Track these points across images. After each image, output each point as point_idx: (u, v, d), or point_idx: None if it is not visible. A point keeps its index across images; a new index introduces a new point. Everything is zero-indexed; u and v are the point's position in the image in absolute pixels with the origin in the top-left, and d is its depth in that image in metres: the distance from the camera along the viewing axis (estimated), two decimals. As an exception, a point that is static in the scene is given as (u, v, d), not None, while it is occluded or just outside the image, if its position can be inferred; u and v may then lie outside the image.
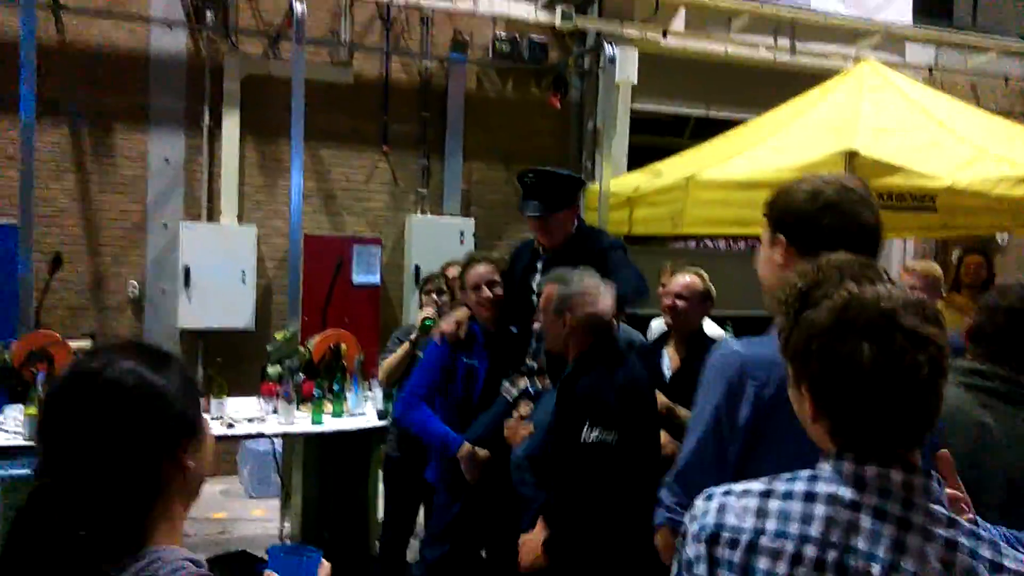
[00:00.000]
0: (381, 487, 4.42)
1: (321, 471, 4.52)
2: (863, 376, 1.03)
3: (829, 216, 1.56)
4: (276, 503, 5.08)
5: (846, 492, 1.05)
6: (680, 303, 3.51)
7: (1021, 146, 5.34)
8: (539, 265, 3.45)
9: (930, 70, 7.74)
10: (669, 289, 3.56)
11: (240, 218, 6.49)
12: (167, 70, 6.37)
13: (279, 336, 4.93)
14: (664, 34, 6.94)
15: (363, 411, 4.30)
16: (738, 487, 1.15)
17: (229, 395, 4.45)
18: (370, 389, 4.45)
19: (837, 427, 1.08)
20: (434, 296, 4.18)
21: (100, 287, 6.27)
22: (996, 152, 4.99)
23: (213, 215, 6.47)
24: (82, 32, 6.19)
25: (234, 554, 4.39)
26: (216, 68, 6.45)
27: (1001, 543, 1.04)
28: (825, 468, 1.09)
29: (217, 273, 6.12)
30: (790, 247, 1.62)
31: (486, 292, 3.38)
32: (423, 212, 6.91)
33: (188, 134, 6.45)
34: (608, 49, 6.42)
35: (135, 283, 6.31)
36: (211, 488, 6.05)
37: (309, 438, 4.36)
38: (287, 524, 4.78)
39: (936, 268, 4.32)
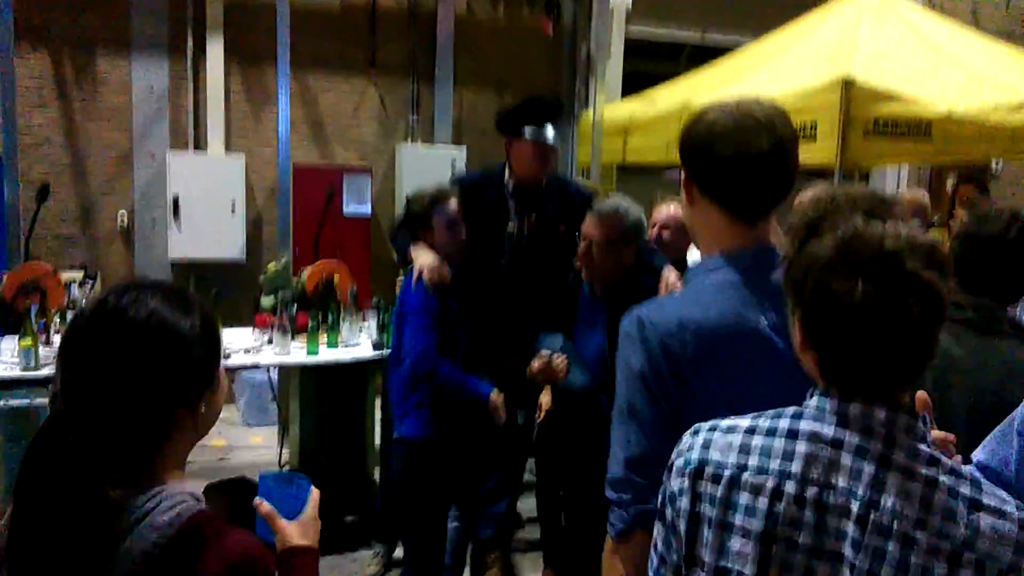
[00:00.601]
0: (378, 414, 4.49)
1: (318, 400, 4.57)
2: (854, 313, 1.01)
3: (720, 145, 1.41)
4: (274, 431, 5.15)
5: (828, 430, 1.05)
6: (665, 232, 3.56)
7: (1019, 71, 5.28)
8: (511, 205, 3.41)
9: (930, -8, 7.58)
10: (654, 219, 3.59)
11: (227, 147, 6.40)
12: (148, -7, 6.18)
13: (271, 267, 4.92)
14: (659, -46, 6.75)
15: (358, 341, 4.32)
16: (725, 423, 1.15)
17: (224, 326, 4.46)
18: (364, 320, 4.47)
19: (824, 360, 1.08)
20: None
21: (88, 218, 6.21)
22: (993, 78, 4.94)
23: (200, 144, 6.36)
24: (58, -47, 5.98)
25: (233, 480, 4.46)
26: (198, -10, 6.26)
27: (983, 481, 1.04)
28: (810, 404, 1.09)
29: (206, 204, 6.06)
30: (690, 181, 1.49)
31: (461, 232, 3.11)
32: (413, 141, 6.81)
33: (172, 61, 6.29)
34: (602, -29, 6.25)
35: (124, 213, 6.25)
36: (208, 416, 6.12)
37: (305, 368, 4.39)
38: (285, 451, 4.85)
39: (922, 196, 4.33)
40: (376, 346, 4.24)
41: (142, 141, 6.26)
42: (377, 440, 4.51)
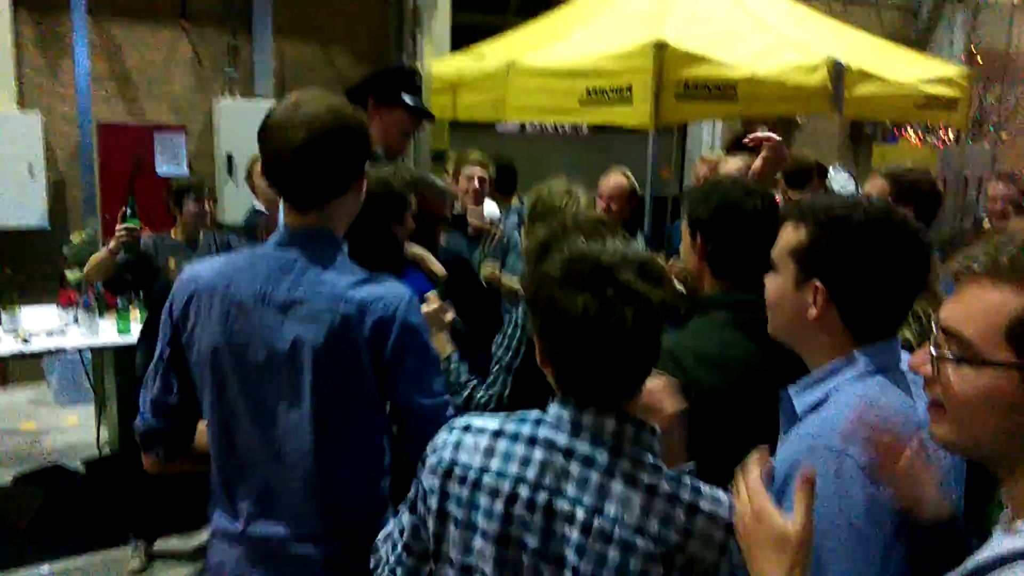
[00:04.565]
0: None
1: (136, 375, 4.34)
2: (575, 325, 1.09)
3: (261, 141, 1.51)
4: (90, 410, 4.85)
5: (562, 438, 1.13)
6: (612, 204, 3.80)
7: (818, 32, 5.65)
8: None
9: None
10: (600, 192, 3.82)
11: (21, 104, 5.82)
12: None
13: (75, 238, 4.59)
14: (484, -97, 6.65)
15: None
16: (478, 423, 1.21)
17: (25, 301, 4.12)
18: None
19: (559, 374, 1.16)
20: (192, 207, 3.79)
21: None
22: (795, 40, 5.26)
23: (-13, 100, 5.76)
24: None
25: (47, 469, 4.20)
26: (-27, -75, 5.58)
27: (703, 487, 1.13)
28: (551, 412, 1.16)
29: (-1, 166, 5.51)
30: None
31: None
32: (232, 95, 6.45)
33: (-53, 4, 5.61)
34: (425, -81, 6.09)
35: (-100, 178, 5.59)
36: (17, 397, 5.69)
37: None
38: (104, 432, 4.60)
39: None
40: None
41: (-84, 96, 5.59)
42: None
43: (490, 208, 4.27)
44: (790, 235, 1.30)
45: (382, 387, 1.49)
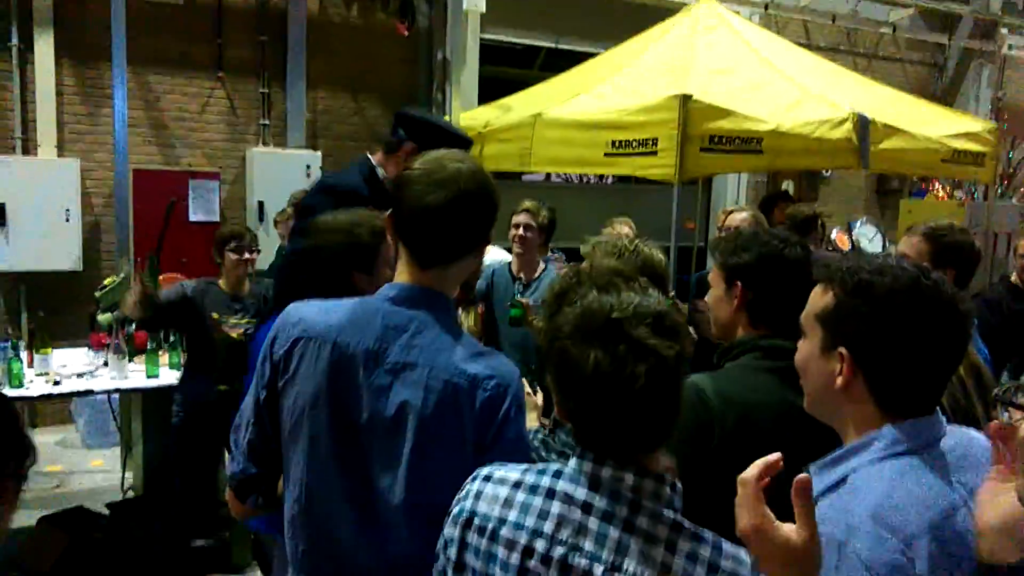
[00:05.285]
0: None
1: (163, 419, 4.37)
2: (587, 381, 1.07)
3: (405, 194, 1.45)
4: (116, 452, 4.89)
5: (580, 492, 1.11)
6: None
7: (842, 87, 5.70)
8: None
9: (766, 6, 8.03)
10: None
11: (60, 150, 5.99)
12: (-37, -19, 5.69)
13: (108, 281, 4.66)
14: (513, -39, 6.82)
15: (202, 361, 4.15)
16: (499, 473, 1.20)
17: (57, 342, 4.19)
18: (210, 336, 4.30)
19: (576, 427, 1.15)
20: (232, 256, 3.79)
21: (-101, 227, 5.66)
22: (819, 93, 5.30)
23: (29, 147, 5.93)
24: None
25: (70, 511, 4.21)
26: (22, -19, 5.82)
27: (725, 545, 1.10)
28: (571, 465, 1.15)
29: (37, 211, 5.66)
30: (390, 218, 1.50)
31: None
32: (265, 144, 6.60)
33: (-6, 55, 5.83)
34: (455, -25, 6.27)
35: (-59, 222, 5.74)
36: (45, 439, 5.73)
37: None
38: (129, 475, 4.62)
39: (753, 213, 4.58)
40: (222, 364, 4.09)
41: (-39, 143, 5.78)
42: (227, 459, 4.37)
43: (497, 254, 4.32)
44: (817, 298, 1.27)
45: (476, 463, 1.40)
